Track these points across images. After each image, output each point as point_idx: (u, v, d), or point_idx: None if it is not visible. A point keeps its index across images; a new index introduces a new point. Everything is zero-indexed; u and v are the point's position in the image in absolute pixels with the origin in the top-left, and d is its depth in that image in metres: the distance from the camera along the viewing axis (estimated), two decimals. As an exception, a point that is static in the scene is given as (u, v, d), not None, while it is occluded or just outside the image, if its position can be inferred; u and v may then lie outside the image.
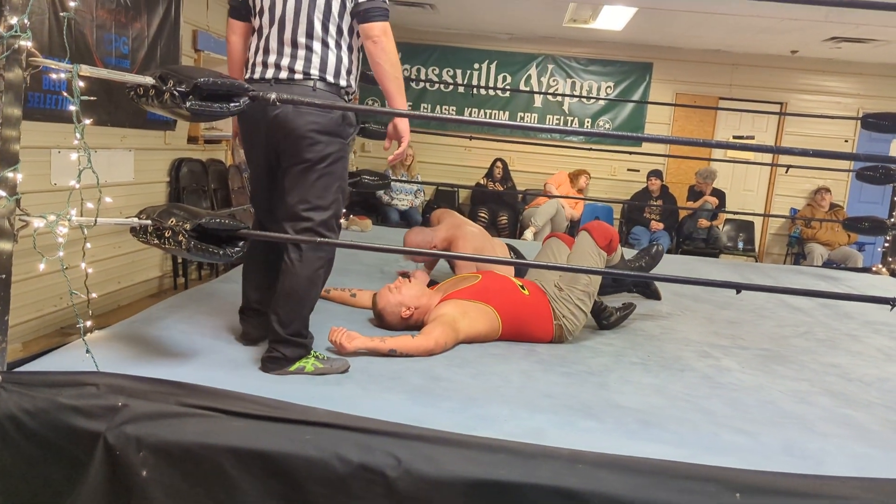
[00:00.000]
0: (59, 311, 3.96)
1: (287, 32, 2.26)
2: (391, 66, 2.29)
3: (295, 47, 2.26)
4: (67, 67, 1.74)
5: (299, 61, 2.26)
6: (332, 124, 2.24)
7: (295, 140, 2.22)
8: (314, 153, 2.24)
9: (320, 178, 2.25)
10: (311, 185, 2.25)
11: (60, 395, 1.73)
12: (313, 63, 2.26)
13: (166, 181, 5.08)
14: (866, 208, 7.85)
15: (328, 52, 2.28)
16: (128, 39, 4.25)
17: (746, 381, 2.66)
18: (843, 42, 6.90)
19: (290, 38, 2.26)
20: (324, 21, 2.26)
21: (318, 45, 2.27)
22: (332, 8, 2.26)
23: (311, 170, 2.24)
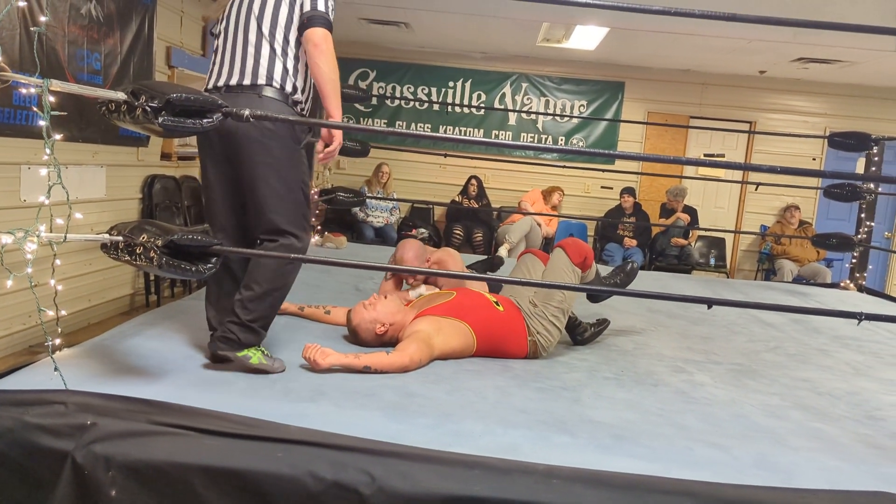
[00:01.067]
0: (28, 330, 3.89)
1: (238, 43, 2.39)
2: (330, 68, 2.37)
3: (244, 56, 2.37)
4: (37, 82, 1.72)
5: (247, 69, 2.37)
6: (284, 128, 2.33)
7: (249, 145, 2.31)
8: (270, 156, 2.33)
9: (280, 179, 2.34)
10: (273, 188, 2.34)
11: (27, 413, 1.69)
12: (260, 71, 2.36)
13: (139, 198, 5.03)
14: (834, 225, 8.01)
15: (275, 60, 2.38)
16: (100, 55, 4.22)
17: (719, 395, 2.68)
18: (810, 63, 7.06)
19: (240, 48, 2.38)
20: (271, 30, 2.38)
21: (265, 52, 2.37)
22: (279, 18, 2.38)
23: (270, 173, 2.33)
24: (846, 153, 7.31)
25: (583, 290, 2.65)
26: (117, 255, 2.01)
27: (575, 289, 2.76)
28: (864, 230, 5.64)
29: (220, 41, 2.45)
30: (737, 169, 8.49)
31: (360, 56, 8.48)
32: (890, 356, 3.58)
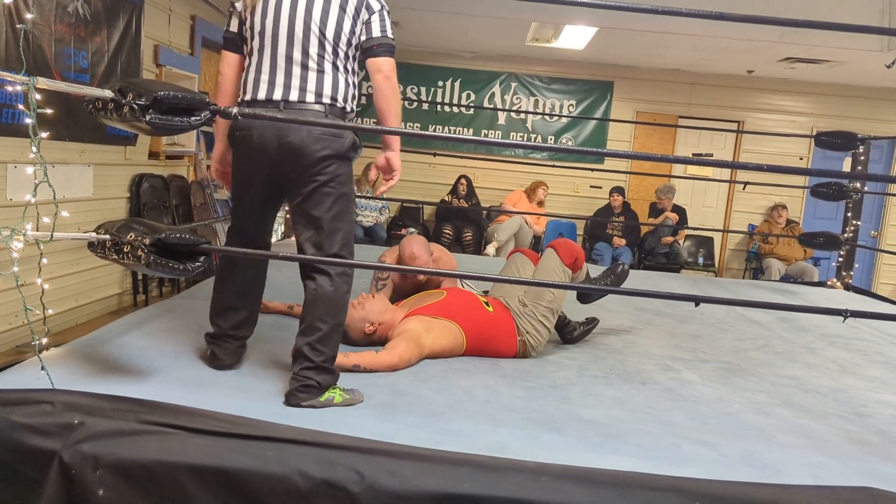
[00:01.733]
0: (14, 330, 3.87)
1: (295, 52, 2.23)
2: (397, 102, 2.35)
3: (305, 68, 2.23)
4: (24, 80, 1.71)
5: (310, 84, 2.23)
6: (344, 149, 2.22)
7: (308, 166, 2.19)
8: (328, 176, 2.20)
9: (336, 200, 2.23)
10: (329, 209, 2.22)
11: (14, 413, 1.68)
12: (325, 89, 2.24)
13: (126, 196, 5.00)
14: (821, 224, 8.07)
15: (338, 77, 2.27)
16: (87, 53, 4.20)
17: (707, 393, 2.70)
18: (797, 62, 7.11)
19: (299, 58, 2.23)
20: (334, 44, 2.24)
21: (328, 68, 2.25)
22: (343, 32, 2.24)
23: (327, 194, 2.21)
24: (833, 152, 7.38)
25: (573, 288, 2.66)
26: (104, 254, 2.00)
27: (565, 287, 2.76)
28: (850, 229, 5.69)
29: (264, 46, 2.26)
30: (725, 168, 8.53)
31: (349, 55, 8.46)
32: (875, 353, 3.61)
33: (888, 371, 3.29)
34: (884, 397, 2.83)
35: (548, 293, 3.03)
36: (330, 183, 2.21)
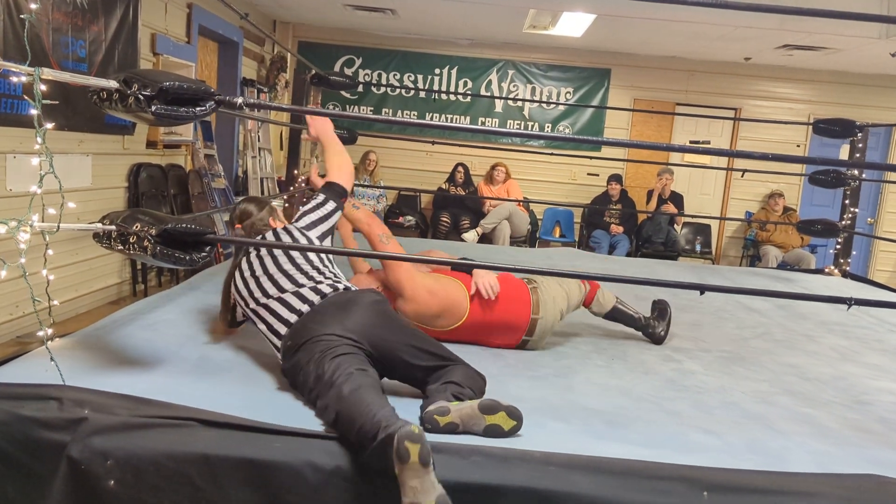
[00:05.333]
0: (15, 320, 3.86)
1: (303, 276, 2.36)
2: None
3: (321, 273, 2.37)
4: (29, 70, 1.70)
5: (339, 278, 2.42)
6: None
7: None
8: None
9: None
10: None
11: (22, 407, 1.68)
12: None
13: (125, 186, 4.98)
14: (818, 211, 8.09)
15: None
16: (85, 42, 4.17)
17: (710, 382, 2.71)
18: (795, 49, 7.10)
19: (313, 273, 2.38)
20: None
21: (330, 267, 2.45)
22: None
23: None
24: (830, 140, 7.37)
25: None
26: (110, 245, 1.99)
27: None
28: (848, 216, 5.69)
29: (287, 286, 2.38)
30: (722, 155, 8.53)
31: (345, 43, 8.44)
32: (875, 341, 3.63)
33: (887, 359, 3.30)
34: (884, 385, 2.85)
35: (575, 298, 3.07)
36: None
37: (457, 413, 1.88)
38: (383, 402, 1.82)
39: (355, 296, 2.27)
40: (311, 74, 5.06)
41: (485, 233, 7.65)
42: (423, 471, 1.60)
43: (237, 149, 7.08)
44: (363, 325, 2.15)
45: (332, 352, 2.01)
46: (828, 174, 5.15)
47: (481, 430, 1.88)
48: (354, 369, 1.94)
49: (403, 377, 2.20)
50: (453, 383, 2.10)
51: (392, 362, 2.15)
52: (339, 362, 1.97)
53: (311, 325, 2.13)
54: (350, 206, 2.82)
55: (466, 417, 1.88)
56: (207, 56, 6.62)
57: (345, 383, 1.86)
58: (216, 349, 2.48)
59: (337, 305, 2.20)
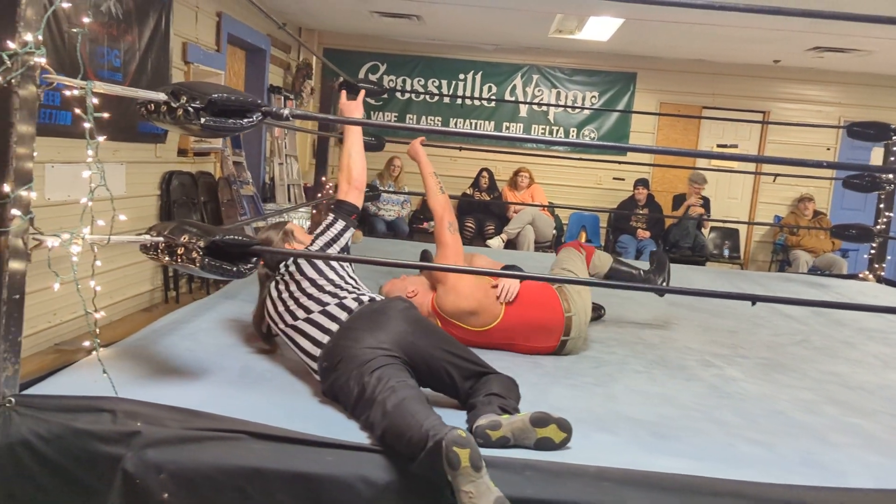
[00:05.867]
0: (54, 328, 3.90)
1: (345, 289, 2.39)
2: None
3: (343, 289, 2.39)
4: (81, 84, 1.71)
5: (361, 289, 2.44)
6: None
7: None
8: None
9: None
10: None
11: (77, 420, 1.69)
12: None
13: (157, 194, 5.02)
14: (849, 215, 7.98)
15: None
16: (119, 52, 4.21)
17: (752, 390, 2.67)
18: (825, 52, 7.01)
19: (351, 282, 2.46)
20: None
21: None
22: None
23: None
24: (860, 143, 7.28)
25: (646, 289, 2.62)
26: (157, 256, 2.00)
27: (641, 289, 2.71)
28: (883, 220, 5.60)
29: (323, 296, 2.44)
30: (749, 161, 8.46)
31: (370, 49, 8.46)
32: (917, 348, 3.57)
33: (932, 367, 3.24)
34: (931, 394, 2.80)
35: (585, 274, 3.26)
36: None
37: (508, 427, 1.86)
38: (429, 412, 1.81)
39: (383, 306, 2.27)
40: (338, 81, 5.08)
41: (510, 238, 7.63)
42: (476, 475, 1.59)
43: (264, 156, 7.12)
44: (395, 334, 2.14)
45: (369, 366, 2.00)
46: (862, 178, 5.07)
47: (532, 444, 1.86)
48: (395, 382, 1.93)
49: (436, 384, 2.19)
50: (496, 395, 2.08)
51: (425, 368, 2.14)
52: (379, 375, 1.96)
53: (343, 342, 2.13)
54: (438, 188, 3.06)
55: (518, 431, 1.86)
56: (235, 64, 6.66)
57: (388, 398, 1.85)
58: (257, 359, 2.48)
59: (366, 318, 2.20)
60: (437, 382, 2.17)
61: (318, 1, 6.68)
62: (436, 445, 1.63)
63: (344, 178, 2.65)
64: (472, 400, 2.08)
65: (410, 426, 1.73)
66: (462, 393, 2.17)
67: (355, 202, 2.62)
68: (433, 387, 2.18)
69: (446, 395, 2.20)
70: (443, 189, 3.10)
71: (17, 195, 1.67)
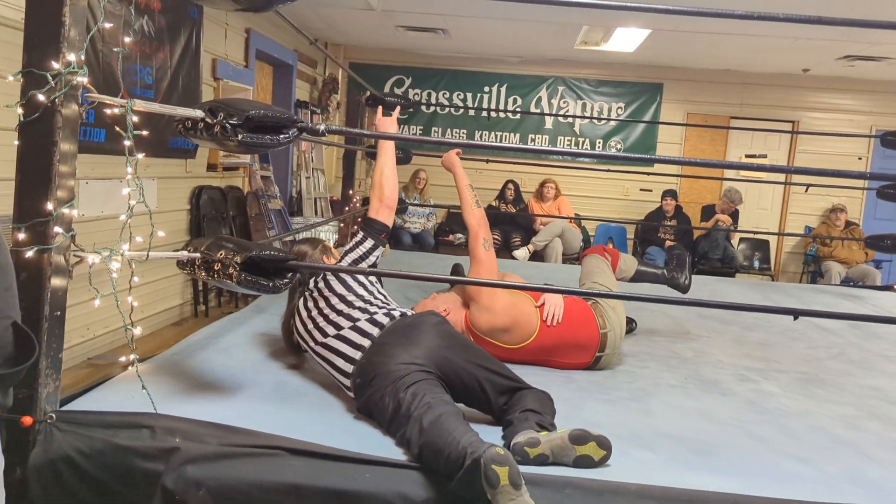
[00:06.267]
0: (87, 342, 3.94)
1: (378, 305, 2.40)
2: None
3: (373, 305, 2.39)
4: (122, 103, 1.73)
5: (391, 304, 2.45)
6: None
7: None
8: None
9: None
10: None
11: (117, 436, 1.70)
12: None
13: (187, 209, 5.07)
14: (882, 225, 7.85)
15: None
16: (152, 70, 4.27)
17: (791, 405, 2.62)
18: (857, 60, 6.92)
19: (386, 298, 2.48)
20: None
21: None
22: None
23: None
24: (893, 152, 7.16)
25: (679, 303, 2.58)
26: (193, 272, 2.01)
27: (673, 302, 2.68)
28: (918, 231, 5.50)
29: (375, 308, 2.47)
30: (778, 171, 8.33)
31: (395, 63, 8.50)
32: (959, 362, 3.49)
33: (975, 381, 3.16)
34: (977, 409, 2.72)
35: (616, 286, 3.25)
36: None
37: (547, 444, 1.84)
38: (466, 428, 1.79)
39: (415, 320, 2.26)
40: (366, 96, 5.11)
41: (536, 250, 7.60)
42: (516, 493, 1.57)
43: (291, 169, 7.17)
44: (429, 349, 2.13)
45: (403, 381, 1.99)
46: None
47: (571, 461, 1.84)
48: (431, 398, 1.92)
49: (470, 400, 2.17)
50: (532, 411, 2.06)
51: (459, 383, 2.12)
52: (415, 391, 1.95)
53: (376, 358, 2.12)
54: (473, 202, 2.99)
55: (557, 448, 1.84)
56: (263, 79, 6.73)
57: (424, 415, 1.84)
58: (290, 374, 2.48)
59: (399, 333, 2.19)
60: (471, 398, 2.16)
61: (344, 16, 6.73)
62: (474, 463, 1.61)
63: (376, 195, 2.63)
64: (508, 416, 2.06)
65: (448, 443, 1.71)
66: (496, 408, 2.15)
67: (386, 221, 2.61)
68: (467, 402, 2.16)
69: (480, 410, 2.19)
70: (479, 203, 3.03)
71: (60, 213, 1.68)
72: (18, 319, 1.26)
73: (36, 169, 1.68)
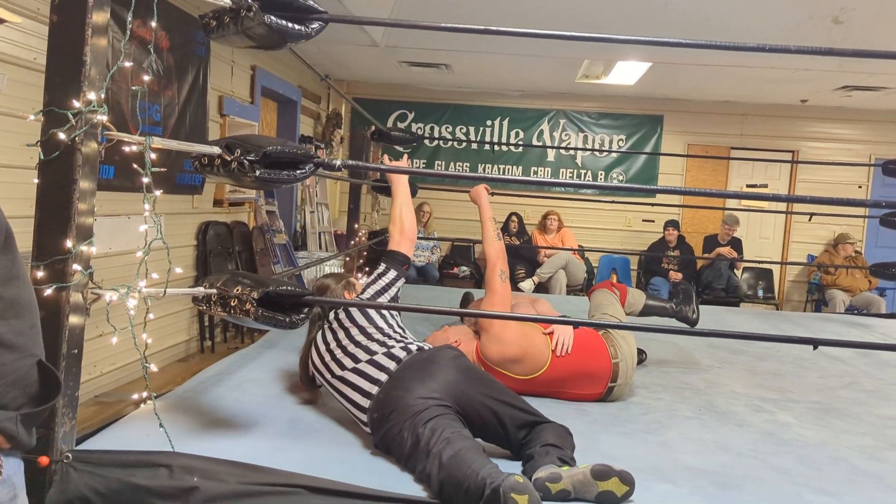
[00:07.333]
0: (93, 380, 3.91)
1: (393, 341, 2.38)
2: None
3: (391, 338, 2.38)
4: (140, 140, 1.74)
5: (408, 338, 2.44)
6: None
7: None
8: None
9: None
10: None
11: (134, 475, 1.67)
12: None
13: (194, 244, 5.07)
14: (885, 253, 7.86)
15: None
16: (160, 107, 4.30)
17: (809, 436, 2.60)
18: (854, 90, 7.00)
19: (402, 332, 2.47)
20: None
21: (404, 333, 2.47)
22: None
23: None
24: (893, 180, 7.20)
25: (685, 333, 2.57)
26: (209, 308, 2.00)
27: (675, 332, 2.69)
28: (923, 258, 5.50)
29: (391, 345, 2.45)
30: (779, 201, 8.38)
31: (398, 98, 8.58)
32: (972, 390, 3.46)
33: None
34: None
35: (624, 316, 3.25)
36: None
37: (569, 479, 1.82)
38: (485, 461, 1.78)
39: (432, 354, 2.25)
40: (370, 130, 5.15)
41: (541, 282, 7.59)
42: None
43: (296, 204, 7.19)
44: (447, 384, 2.12)
45: (422, 416, 1.98)
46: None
47: (594, 497, 1.82)
48: (450, 433, 1.91)
49: (488, 434, 2.15)
50: (553, 446, 2.04)
51: (477, 418, 2.11)
52: (433, 426, 1.93)
53: (394, 392, 2.10)
54: (495, 234, 3.09)
55: (579, 484, 1.82)
56: (268, 115, 6.79)
57: (444, 450, 1.83)
58: (304, 410, 2.46)
59: (416, 367, 2.18)
60: (489, 432, 2.14)
61: (347, 52, 6.81)
62: (493, 493, 1.60)
63: (396, 229, 2.68)
64: (529, 450, 2.04)
65: (467, 476, 1.70)
66: (515, 443, 2.13)
67: (407, 252, 2.65)
68: (485, 437, 2.14)
69: (498, 445, 2.16)
70: (500, 236, 3.10)
71: (79, 250, 1.68)
72: (43, 357, 1.25)
73: (55, 206, 1.68)
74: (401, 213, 2.71)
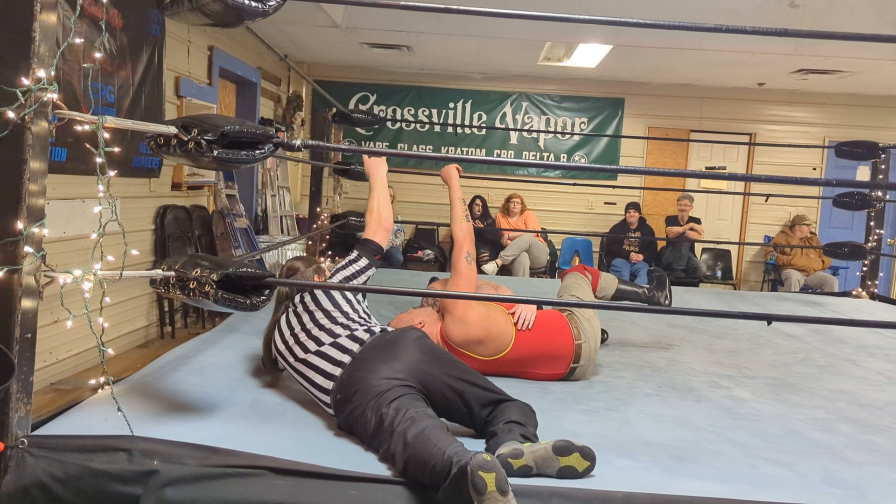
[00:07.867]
0: (49, 367, 3.83)
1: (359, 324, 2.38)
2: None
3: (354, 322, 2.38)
4: (93, 119, 1.70)
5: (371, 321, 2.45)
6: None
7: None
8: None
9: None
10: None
11: (92, 460, 1.65)
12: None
13: (151, 229, 4.98)
14: (837, 233, 8.05)
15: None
16: (113, 88, 4.20)
17: (764, 410, 2.67)
18: (810, 73, 7.13)
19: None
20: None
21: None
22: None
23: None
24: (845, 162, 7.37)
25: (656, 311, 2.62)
26: (167, 290, 1.97)
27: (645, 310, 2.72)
28: (874, 238, 5.65)
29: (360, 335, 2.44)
30: (739, 180, 8.54)
31: (360, 80, 8.51)
32: (919, 364, 3.58)
33: (937, 381, 3.25)
34: (942, 408, 2.80)
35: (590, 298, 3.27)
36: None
37: (530, 455, 1.84)
38: (451, 439, 1.79)
39: (396, 336, 2.25)
40: (332, 113, 5.10)
41: (504, 264, 7.63)
42: (503, 499, 1.57)
43: (256, 188, 7.11)
44: (410, 364, 2.12)
45: (386, 397, 1.98)
46: (853, 196, 5.15)
47: (555, 472, 1.84)
48: (414, 412, 1.91)
49: (452, 414, 2.16)
50: (516, 423, 2.06)
51: (441, 397, 2.12)
52: (397, 406, 1.94)
53: (357, 373, 2.10)
54: (463, 215, 3.05)
55: (540, 460, 1.84)
56: (227, 97, 6.68)
57: (408, 429, 1.83)
58: (266, 392, 2.45)
59: (380, 348, 2.18)
60: (453, 411, 2.15)
61: (307, 34, 6.72)
62: (460, 471, 1.61)
63: (374, 218, 2.67)
64: (492, 428, 2.06)
65: (433, 454, 1.71)
66: (479, 421, 2.15)
67: (382, 242, 2.64)
68: (448, 416, 2.15)
69: (462, 424, 2.18)
70: (468, 217, 3.09)
71: (30, 232, 1.64)
72: None
73: (5, 187, 1.64)
74: (378, 203, 2.70)
